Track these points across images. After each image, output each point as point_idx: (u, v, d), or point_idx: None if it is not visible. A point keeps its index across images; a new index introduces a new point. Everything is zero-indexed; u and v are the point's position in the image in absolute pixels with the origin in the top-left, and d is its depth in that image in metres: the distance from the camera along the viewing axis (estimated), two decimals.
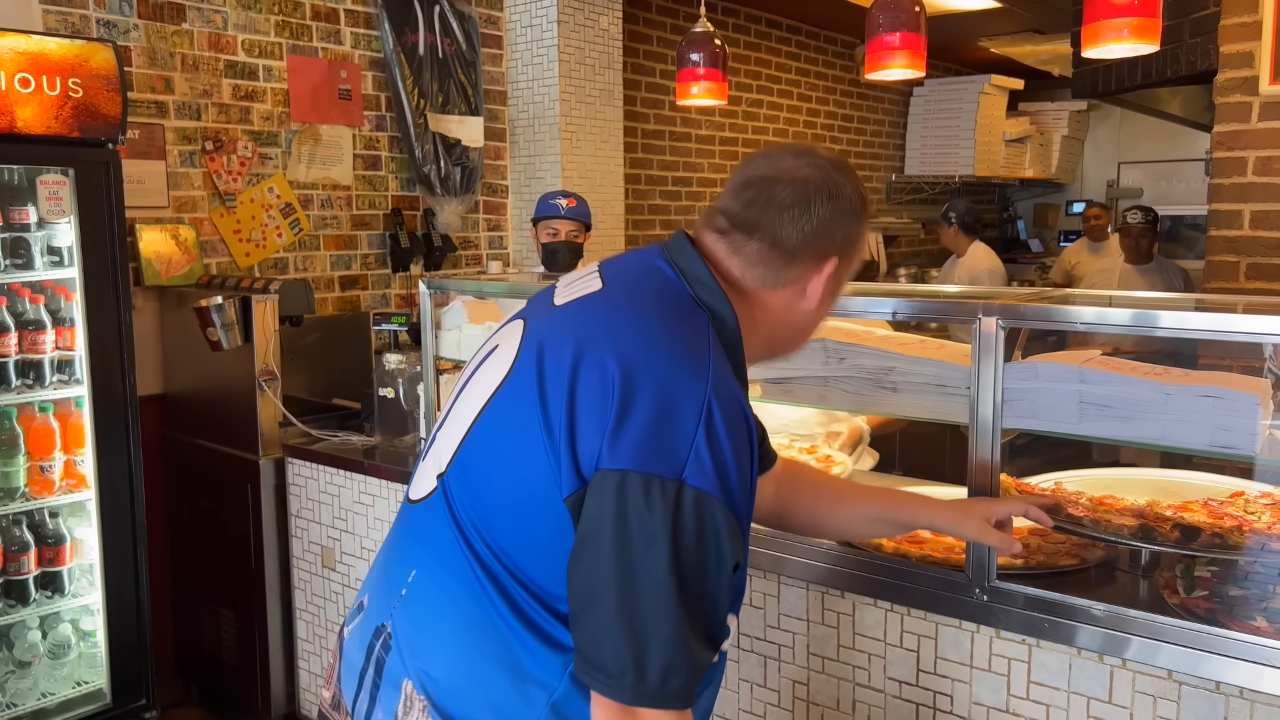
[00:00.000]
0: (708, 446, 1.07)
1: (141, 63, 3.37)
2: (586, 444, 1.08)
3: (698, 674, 1.10)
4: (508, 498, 1.14)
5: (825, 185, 1.21)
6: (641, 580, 1.05)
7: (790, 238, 1.21)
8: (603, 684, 1.07)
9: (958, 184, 7.10)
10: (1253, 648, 1.42)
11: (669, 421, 1.07)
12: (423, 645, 1.19)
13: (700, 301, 1.20)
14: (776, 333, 1.28)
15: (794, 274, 1.23)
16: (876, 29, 2.58)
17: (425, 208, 4.24)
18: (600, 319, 1.17)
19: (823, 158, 1.25)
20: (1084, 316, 1.58)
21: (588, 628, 1.08)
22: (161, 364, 3.46)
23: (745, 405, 1.15)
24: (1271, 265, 2.94)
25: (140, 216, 3.36)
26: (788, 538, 1.91)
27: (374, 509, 2.86)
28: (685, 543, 1.06)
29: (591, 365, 1.10)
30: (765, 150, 1.29)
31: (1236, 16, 2.93)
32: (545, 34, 4.30)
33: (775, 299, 1.24)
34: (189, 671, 3.53)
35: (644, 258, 1.27)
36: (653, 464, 1.05)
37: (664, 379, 1.09)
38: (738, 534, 1.11)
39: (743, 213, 1.23)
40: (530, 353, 1.18)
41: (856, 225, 1.25)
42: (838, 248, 1.23)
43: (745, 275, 1.23)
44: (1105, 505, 1.73)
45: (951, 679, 1.74)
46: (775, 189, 1.21)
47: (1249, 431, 1.44)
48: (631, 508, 1.05)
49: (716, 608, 1.11)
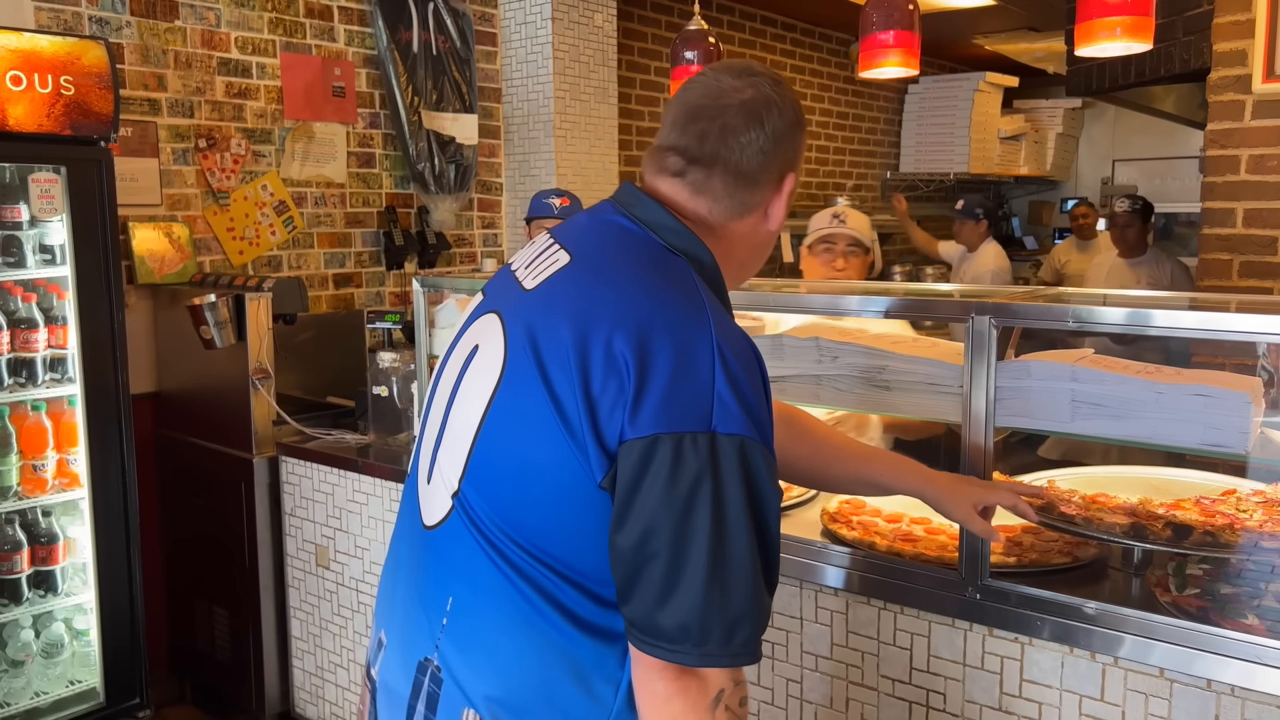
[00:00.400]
0: (730, 389, 1.05)
1: (134, 60, 3.36)
2: (610, 425, 1.05)
3: (762, 623, 1.08)
4: (537, 497, 1.11)
5: (772, 101, 1.20)
6: (691, 538, 1.03)
7: (751, 163, 1.20)
8: (666, 650, 1.05)
9: (953, 181, 7.10)
10: (1244, 646, 1.42)
11: (686, 378, 1.05)
12: (479, 670, 1.15)
13: (674, 249, 1.17)
14: (744, 259, 1.28)
15: (758, 198, 1.22)
16: (870, 27, 2.58)
17: (419, 205, 4.23)
18: (585, 294, 1.13)
19: (761, 74, 1.23)
20: (1077, 315, 1.58)
21: (640, 598, 1.06)
22: (155, 362, 3.45)
23: (748, 337, 1.14)
24: (1264, 263, 2.94)
25: (133, 214, 3.36)
26: (784, 538, 1.89)
27: (368, 507, 2.85)
28: (730, 492, 1.04)
29: (596, 345, 1.07)
30: (699, 77, 1.25)
31: (1229, 15, 2.93)
32: (540, 31, 4.29)
33: (742, 227, 1.23)
34: (183, 670, 3.53)
35: (599, 218, 1.24)
36: (679, 423, 1.03)
37: (670, 338, 1.07)
38: (775, 467, 1.10)
39: (698, 147, 1.20)
40: (521, 345, 1.13)
41: (801, 135, 1.25)
42: (791, 162, 1.23)
43: (712, 211, 1.21)
44: (1098, 503, 1.74)
45: (945, 677, 1.74)
46: (726, 115, 1.19)
47: (1240, 430, 1.45)
48: (668, 469, 1.03)
49: (771, 547, 1.09)
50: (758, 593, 1.06)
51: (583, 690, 1.12)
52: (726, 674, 1.06)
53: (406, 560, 1.28)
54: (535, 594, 1.12)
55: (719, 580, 1.03)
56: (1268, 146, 2.90)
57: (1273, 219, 2.93)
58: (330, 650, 3.03)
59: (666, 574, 1.04)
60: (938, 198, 7.51)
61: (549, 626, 1.12)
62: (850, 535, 1.86)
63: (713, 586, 1.03)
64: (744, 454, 1.04)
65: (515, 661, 1.13)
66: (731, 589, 1.04)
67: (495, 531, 1.14)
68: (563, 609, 1.11)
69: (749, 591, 1.05)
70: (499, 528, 1.14)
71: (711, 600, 1.03)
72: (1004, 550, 1.76)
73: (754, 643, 1.06)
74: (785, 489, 2.16)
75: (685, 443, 1.03)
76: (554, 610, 1.11)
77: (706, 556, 1.03)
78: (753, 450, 1.05)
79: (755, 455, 1.05)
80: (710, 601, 1.03)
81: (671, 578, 1.04)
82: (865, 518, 1.96)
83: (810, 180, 6.50)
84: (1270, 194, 2.92)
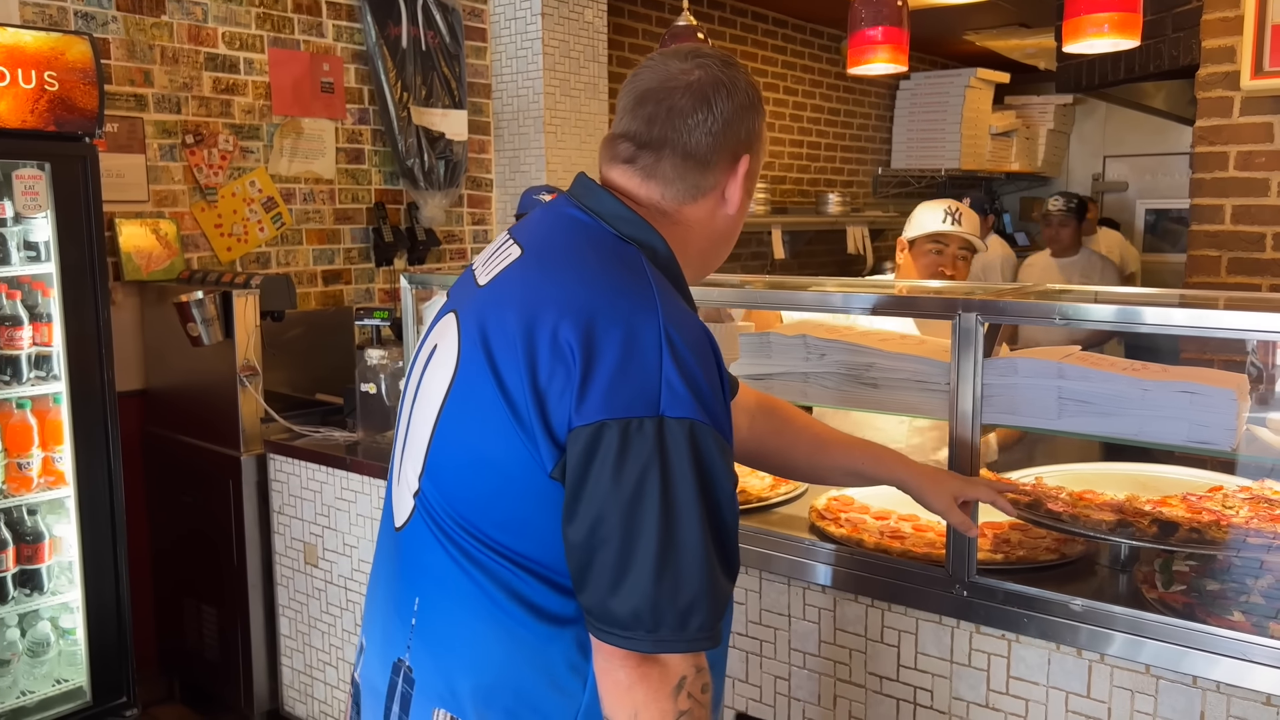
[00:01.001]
0: (677, 373, 1.04)
1: (120, 55, 3.34)
2: (557, 414, 1.05)
3: (719, 608, 1.07)
4: (492, 491, 1.11)
5: (720, 82, 1.19)
6: (641, 524, 1.03)
7: (701, 144, 1.18)
8: (620, 637, 1.04)
9: (944, 177, 7.11)
10: (1229, 642, 1.42)
11: (631, 364, 1.04)
12: (448, 668, 1.15)
13: (625, 237, 1.16)
14: (705, 246, 1.26)
15: (711, 180, 1.21)
16: (859, 23, 2.57)
17: (409, 201, 4.22)
18: (533, 285, 1.13)
19: (709, 55, 1.21)
20: (1064, 313, 1.58)
21: (593, 586, 1.05)
22: (142, 359, 3.43)
23: (700, 322, 1.13)
24: (1252, 260, 2.95)
25: (120, 211, 3.33)
26: (772, 535, 1.91)
27: (356, 505, 2.84)
28: (679, 476, 1.03)
29: (542, 334, 1.07)
30: (648, 62, 1.23)
31: (1218, 11, 2.93)
32: (529, 27, 4.28)
33: (698, 211, 1.22)
34: (171, 668, 3.51)
35: (553, 211, 1.23)
36: (626, 408, 1.02)
37: (616, 325, 1.06)
38: (729, 451, 1.09)
39: (646, 131, 1.19)
40: (473, 340, 1.13)
41: (757, 118, 1.23)
42: (746, 143, 1.21)
43: (665, 196, 1.20)
44: (1085, 500, 1.73)
45: (932, 674, 1.74)
46: (673, 98, 1.18)
47: (1226, 427, 1.45)
48: (615, 455, 1.02)
49: (726, 531, 1.08)
50: (712, 577, 1.05)
51: (550, 683, 1.12)
52: (688, 661, 1.06)
53: (382, 564, 1.29)
54: (497, 589, 1.12)
55: (670, 565, 1.03)
56: (1256, 143, 2.91)
57: (1260, 215, 2.93)
58: (319, 648, 3.02)
59: (617, 560, 1.03)
60: (929, 194, 7.52)
61: (512, 621, 1.12)
62: (838, 532, 1.86)
63: (664, 571, 1.03)
64: (694, 437, 1.04)
65: (483, 658, 1.13)
66: (684, 574, 1.03)
67: (453, 528, 1.14)
68: (525, 602, 1.11)
69: (703, 576, 1.04)
70: (457, 524, 1.14)
71: (663, 585, 1.03)
72: (991, 547, 1.76)
73: (710, 628, 1.06)
74: (774, 484, 2.16)
75: (632, 428, 1.02)
76: (516, 604, 1.11)
77: (657, 541, 1.02)
78: (703, 434, 1.04)
79: (706, 439, 1.05)
80: (662, 587, 1.03)
81: (622, 564, 1.03)
82: (853, 514, 1.96)
83: (802, 176, 6.50)
84: (1258, 191, 2.92)
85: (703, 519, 1.04)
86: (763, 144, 1.26)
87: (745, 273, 6.01)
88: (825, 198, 6.25)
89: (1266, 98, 2.86)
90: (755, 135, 1.23)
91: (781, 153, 6.31)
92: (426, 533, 1.17)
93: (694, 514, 1.04)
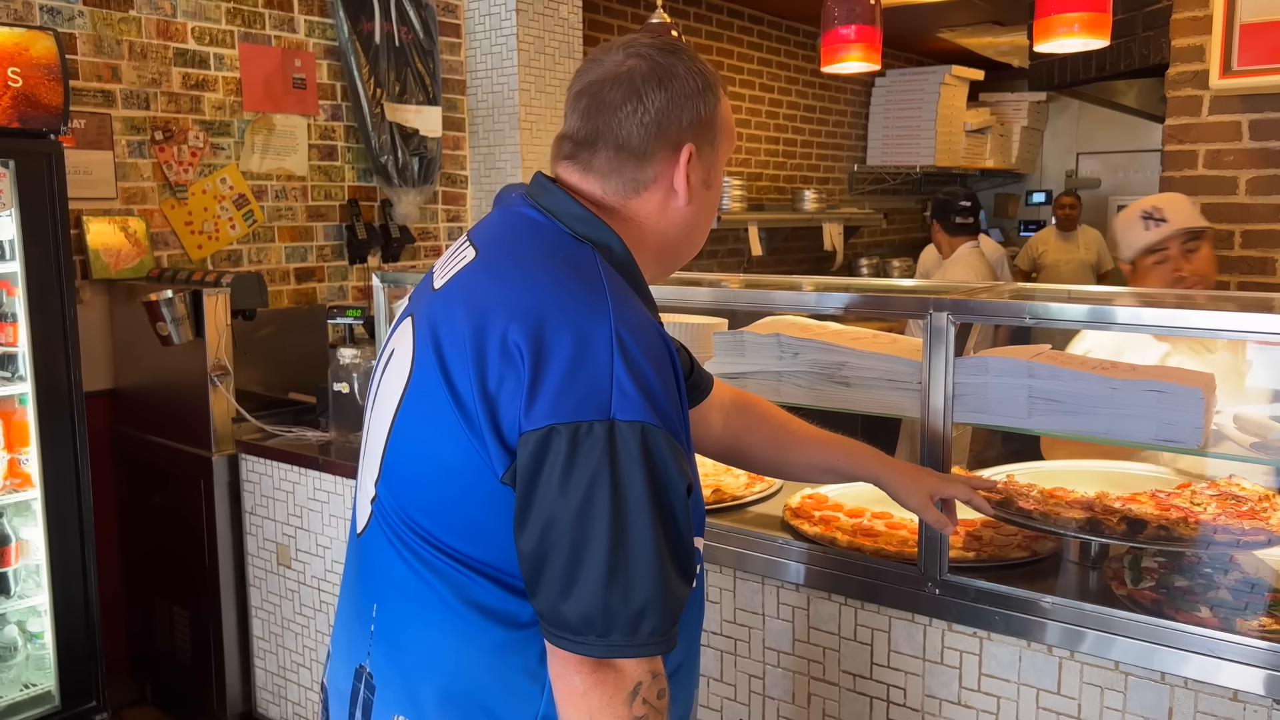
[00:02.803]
0: (629, 375, 1.03)
1: (87, 51, 3.29)
2: (508, 419, 1.04)
3: (673, 612, 1.06)
4: (445, 497, 1.11)
5: (653, 72, 1.16)
6: (591, 528, 1.01)
7: (632, 136, 1.16)
8: (572, 642, 1.03)
9: (919, 174, 7.14)
10: (1197, 639, 1.44)
11: (582, 367, 1.03)
12: (407, 674, 1.15)
13: (580, 237, 1.15)
14: (664, 241, 1.22)
15: (650, 173, 1.18)
16: (832, 22, 2.57)
17: (383, 199, 4.19)
18: (484, 288, 1.11)
19: (648, 45, 1.18)
20: (1034, 312, 1.59)
21: (545, 590, 1.04)
22: (111, 359, 3.39)
23: (655, 324, 1.11)
24: (1221, 257, 2.98)
25: (87, 208, 3.29)
26: (746, 534, 1.91)
27: (329, 505, 2.82)
28: (630, 479, 1.02)
29: (492, 338, 1.05)
30: (593, 55, 1.22)
31: (1187, 11, 2.96)
32: (504, 23, 4.25)
33: (646, 205, 1.19)
34: (143, 671, 3.47)
35: (510, 212, 1.22)
36: (575, 412, 1.01)
37: (566, 328, 1.04)
38: (682, 454, 1.08)
39: (582, 127, 1.18)
40: (426, 345, 1.12)
41: (702, 104, 1.18)
42: (688, 132, 1.17)
43: (606, 191, 1.18)
44: (1055, 498, 1.74)
45: (905, 672, 1.75)
46: (604, 91, 1.16)
47: (1193, 426, 1.46)
48: (564, 460, 1.01)
49: (680, 534, 1.07)
50: (665, 581, 1.04)
51: (508, 687, 1.12)
52: (643, 666, 1.05)
53: (347, 570, 1.29)
54: (452, 594, 1.11)
55: (622, 569, 1.02)
56: (1224, 142, 2.94)
57: (1229, 213, 2.96)
58: (292, 650, 3.00)
59: (568, 565, 1.02)
60: (904, 190, 7.55)
61: (468, 626, 1.11)
62: (812, 530, 1.86)
63: (615, 576, 1.02)
64: (645, 441, 1.02)
65: (440, 663, 1.13)
66: (635, 578, 1.02)
67: (408, 534, 1.14)
68: (481, 607, 1.11)
69: (654, 580, 1.03)
70: (411, 529, 1.13)
71: (614, 590, 1.02)
72: (963, 545, 1.77)
73: (664, 632, 1.05)
74: (749, 483, 2.16)
75: (581, 432, 1.01)
76: (472, 609, 1.11)
77: (607, 546, 1.01)
78: (655, 437, 1.03)
79: (658, 441, 1.03)
80: (613, 591, 1.02)
81: (573, 568, 1.02)
82: (827, 512, 1.96)
83: (778, 173, 6.51)
84: (1227, 189, 2.95)
85: (655, 522, 1.03)
86: (715, 131, 1.21)
87: (722, 270, 6.02)
88: (801, 195, 6.27)
89: (1235, 97, 2.89)
90: (701, 122, 1.18)
91: (758, 150, 6.31)
92: (383, 539, 1.17)
93: (645, 517, 1.03)
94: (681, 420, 1.10)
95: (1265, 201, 2.90)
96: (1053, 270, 6.66)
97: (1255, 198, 2.92)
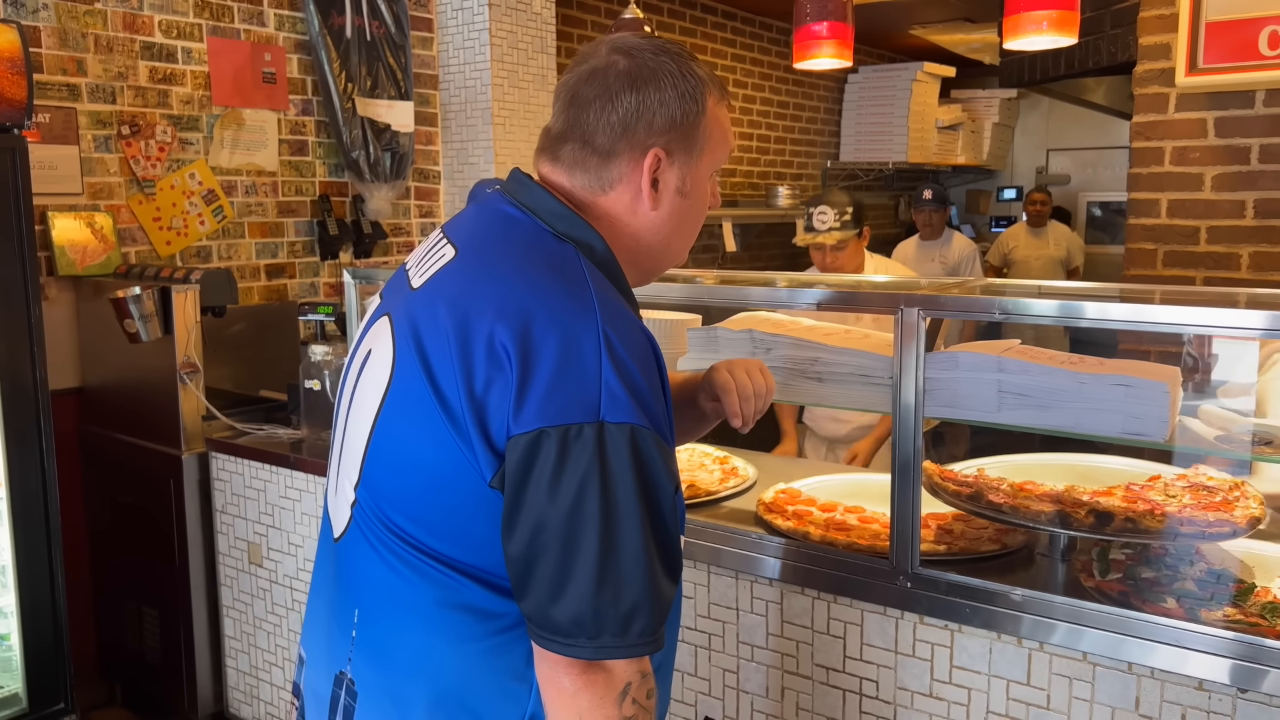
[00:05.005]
0: (617, 377, 1.02)
1: (52, 44, 3.24)
2: (496, 422, 1.03)
3: (661, 612, 1.06)
4: (430, 500, 1.09)
5: (631, 72, 1.14)
6: (582, 530, 1.01)
7: (599, 134, 1.14)
8: (561, 644, 1.03)
9: (891, 170, 7.18)
10: (1163, 629, 1.46)
11: (570, 369, 1.02)
12: (389, 681, 1.13)
13: (561, 235, 1.14)
14: (638, 245, 1.20)
15: (615, 173, 1.16)
16: (804, 18, 2.58)
17: (354, 194, 4.15)
18: (468, 289, 1.09)
19: (641, 44, 1.16)
20: (1004, 307, 1.60)
21: (534, 593, 1.04)
22: (78, 356, 3.34)
23: (640, 324, 1.11)
24: (1187, 252, 3.02)
25: (53, 204, 3.24)
26: (720, 529, 1.91)
27: (301, 503, 2.80)
28: (620, 481, 1.01)
29: (478, 340, 1.04)
30: (585, 48, 1.20)
31: (1155, 9, 3.00)
32: (477, 17, 4.23)
33: (614, 205, 1.17)
34: (112, 672, 3.43)
35: (488, 208, 1.20)
36: (564, 415, 1.01)
37: (553, 329, 1.03)
38: (670, 454, 1.08)
39: (558, 120, 1.18)
40: (408, 345, 1.10)
41: (680, 110, 1.15)
42: (659, 137, 1.15)
43: (575, 185, 1.17)
44: (1025, 491, 1.76)
45: (877, 665, 1.76)
46: (580, 87, 1.16)
47: (1159, 419, 1.48)
48: (554, 463, 1.00)
49: (668, 534, 1.07)
50: (654, 581, 1.04)
51: (496, 689, 1.11)
52: (632, 666, 1.05)
53: (321, 575, 1.26)
54: (436, 597, 1.10)
55: (611, 571, 1.02)
56: (1190, 139, 2.98)
57: (1195, 209, 3.00)
58: (264, 649, 2.98)
59: (558, 568, 1.02)
60: (877, 186, 7.59)
61: (454, 628, 1.10)
62: (785, 525, 1.87)
63: (605, 578, 1.02)
64: (635, 442, 1.02)
65: (426, 667, 1.11)
66: (625, 579, 1.02)
67: (391, 538, 1.12)
68: (466, 608, 1.10)
69: (644, 581, 1.03)
70: (394, 533, 1.12)
71: (604, 592, 1.02)
72: (935, 538, 1.78)
73: (653, 632, 1.05)
74: (723, 478, 2.17)
75: (571, 435, 1.00)
76: (457, 611, 1.10)
77: (597, 548, 1.01)
78: (644, 438, 1.03)
79: (647, 443, 1.03)
80: (603, 593, 1.02)
81: (563, 571, 1.02)
82: (800, 507, 1.97)
83: (752, 169, 6.52)
84: (1192, 185, 2.99)
85: (644, 523, 1.03)
86: (697, 140, 1.18)
87: (696, 265, 6.02)
88: (775, 191, 6.29)
89: (1201, 94, 2.93)
90: (678, 128, 1.16)
91: None
92: (364, 543, 1.15)
93: (635, 519, 1.03)
94: (668, 419, 1.10)
95: (1230, 197, 2.94)
96: (1023, 266, 6.72)
97: (1220, 194, 2.96)
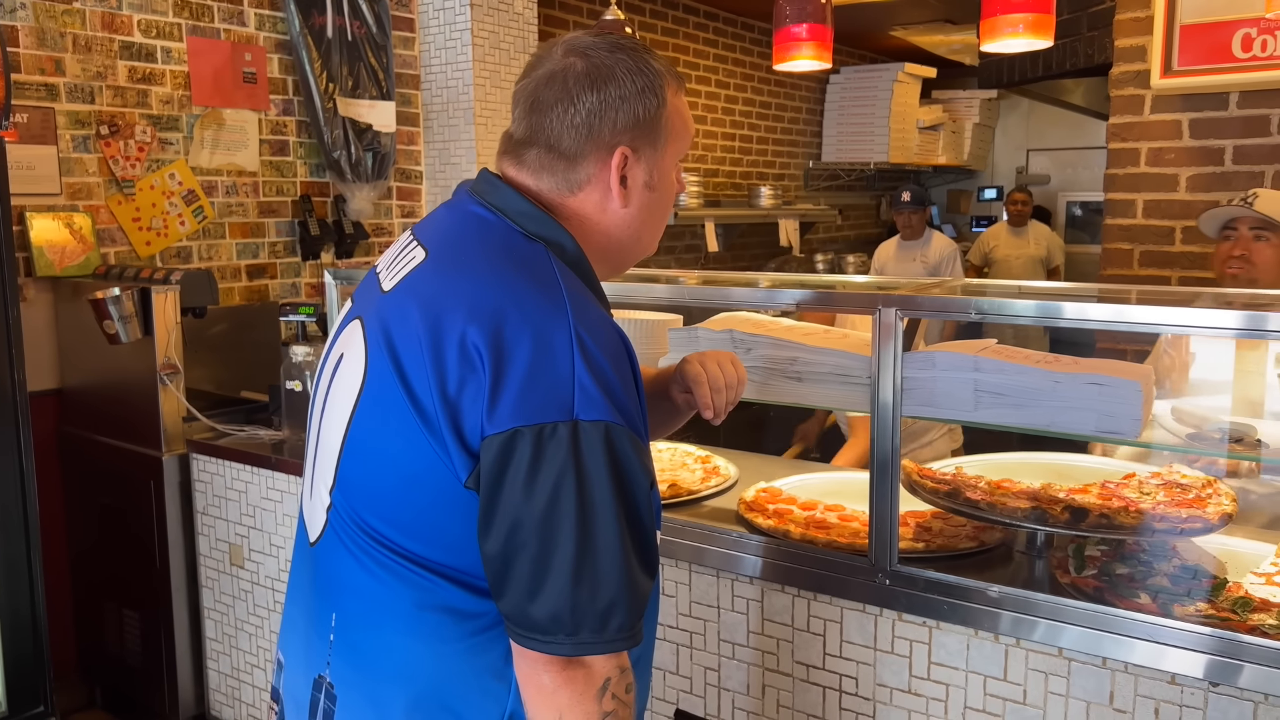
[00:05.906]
0: (590, 375, 1.03)
1: (30, 43, 3.21)
2: (470, 423, 1.04)
3: (639, 607, 1.07)
4: (405, 502, 1.10)
5: (588, 73, 1.14)
6: (558, 528, 1.02)
7: (564, 137, 1.15)
8: (540, 642, 1.04)
9: (873, 171, 7.22)
10: (1137, 625, 1.48)
11: (543, 368, 1.03)
12: (368, 684, 1.14)
13: (531, 235, 1.14)
14: (609, 241, 1.21)
15: (584, 174, 1.17)
16: (784, 20, 2.59)
17: (336, 194, 4.15)
18: (438, 289, 1.10)
19: (593, 43, 1.17)
20: (980, 308, 1.62)
21: (511, 591, 1.04)
22: (57, 358, 3.32)
23: (612, 322, 1.12)
24: (1163, 252, 3.06)
25: (30, 204, 3.22)
26: (702, 528, 1.92)
27: (283, 505, 2.79)
28: (595, 478, 1.02)
29: (450, 341, 1.04)
30: (538, 51, 1.21)
31: (1130, 11, 3.03)
32: (459, 17, 4.23)
33: (584, 204, 1.18)
34: (93, 675, 3.41)
35: (457, 209, 1.21)
36: (539, 414, 1.01)
37: (525, 329, 1.04)
38: (644, 450, 1.09)
39: (520, 125, 1.19)
40: (380, 348, 1.10)
41: (641, 105, 1.16)
42: (624, 135, 1.16)
43: (541, 188, 1.18)
44: (1002, 488, 1.78)
45: (856, 661, 1.78)
46: (539, 91, 1.16)
47: (1132, 418, 1.50)
48: (529, 462, 1.01)
49: (644, 530, 1.08)
50: (631, 577, 1.05)
51: (475, 688, 1.11)
52: (611, 662, 1.06)
53: (298, 579, 1.27)
54: (415, 599, 1.10)
55: (588, 568, 1.03)
56: (1166, 140, 3.01)
57: (1170, 210, 3.04)
58: (246, 651, 2.97)
59: (534, 566, 1.03)
60: (859, 187, 7.63)
61: (433, 630, 1.11)
62: (765, 524, 1.89)
63: (582, 575, 1.03)
64: (609, 440, 1.03)
65: (405, 668, 1.12)
66: (602, 576, 1.03)
67: (366, 540, 1.12)
68: (445, 610, 1.10)
69: (621, 576, 1.04)
70: (370, 536, 1.12)
71: (581, 588, 1.03)
72: (913, 536, 1.80)
73: (630, 627, 1.06)
74: (704, 477, 2.18)
75: (545, 433, 1.01)
76: (435, 613, 1.10)
77: (574, 545, 1.02)
78: (618, 435, 1.04)
79: (621, 440, 1.04)
80: (580, 590, 1.03)
81: (540, 570, 1.03)
82: (780, 505, 1.99)
83: (735, 170, 6.54)
84: (1168, 186, 3.03)
85: (620, 520, 1.04)
86: (659, 133, 1.18)
87: (679, 266, 6.04)
88: (757, 191, 6.31)
89: (1176, 96, 2.97)
90: (640, 124, 1.16)
91: (714, 146, 6.34)
92: (340, 547, 1.15)
93: (610, 515, 1.03)
94: (641, 416, 1.10)
95: (1205, 198, 2.98)
96: (1004, 265, 6.78)
97: (1195, 194, 3.00)
